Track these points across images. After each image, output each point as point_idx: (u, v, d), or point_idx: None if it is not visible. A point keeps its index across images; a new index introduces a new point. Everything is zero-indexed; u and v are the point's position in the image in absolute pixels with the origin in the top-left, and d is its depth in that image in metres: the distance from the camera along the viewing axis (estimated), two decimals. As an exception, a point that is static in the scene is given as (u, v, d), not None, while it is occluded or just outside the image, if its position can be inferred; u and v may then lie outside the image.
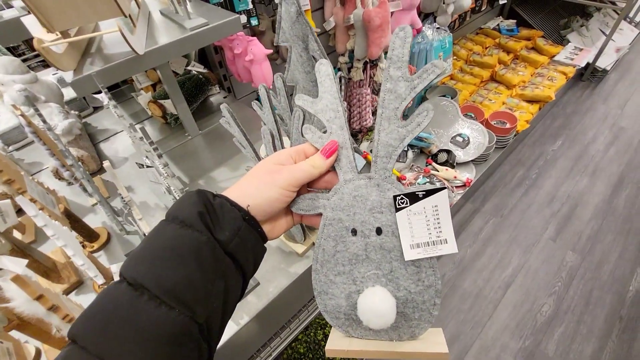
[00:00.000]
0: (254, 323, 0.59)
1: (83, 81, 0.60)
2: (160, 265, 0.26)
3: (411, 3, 1.20)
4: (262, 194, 0.32)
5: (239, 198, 0.31)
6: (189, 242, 0.27)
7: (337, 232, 0.31)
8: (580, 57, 2.33)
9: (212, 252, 0.27)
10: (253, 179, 0.33)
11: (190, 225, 0.27)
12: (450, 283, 1.45)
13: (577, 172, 1.88)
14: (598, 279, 1.46)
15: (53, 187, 0.87)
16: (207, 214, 0.29)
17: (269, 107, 0.50)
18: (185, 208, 0.29)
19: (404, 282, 0.30)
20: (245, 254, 0.30)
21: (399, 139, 0.30)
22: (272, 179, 0.32)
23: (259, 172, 0.33)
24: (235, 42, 0.96)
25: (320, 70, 0.32)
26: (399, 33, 0.29)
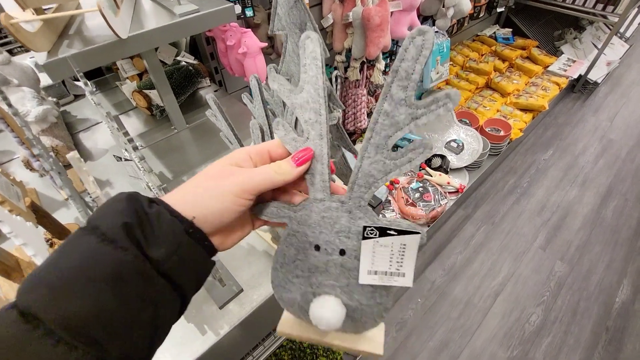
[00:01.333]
0: (236, 332, 0.54)
1: (57, 64, 0.55)
2: (64, 291, 0.20)
3: (411, 4, 1.17)
4: (210, 202, 0.27)
5: (182, 206, 0.26)
6: (108, 261, 0.21)
7: (301, 243, 0.29)
8: (573, 69, 2.36)
9: (138, 275, 0.22)
10: (201, 183, 0.27)
11: (113, 240, 0.22)
12: (440, 290, 1.43)
13: (567, 182, 1.89)
14: (585, 289, 1.46)
15: (24, 178, 0.81)
16: (137, 226, 0.23)
17: (260, 100, 0.46)
18: (109, 216, 0.23)
19: (358, 295, 0.30)
20: (185, 273, 0.25)
21: (383, 171, 0.26)
22: (224, 184, 0.27)
23: (209, 175, 0.28)
24: (228, 33, 0.92)
25: (306, 48, 0.25)
26: (415, 39, 0.22)
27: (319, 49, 0.25)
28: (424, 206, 1.37)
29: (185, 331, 0.53)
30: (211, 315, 0.54)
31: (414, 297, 1.41)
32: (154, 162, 0.85)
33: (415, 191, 1.41)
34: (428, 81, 1.57)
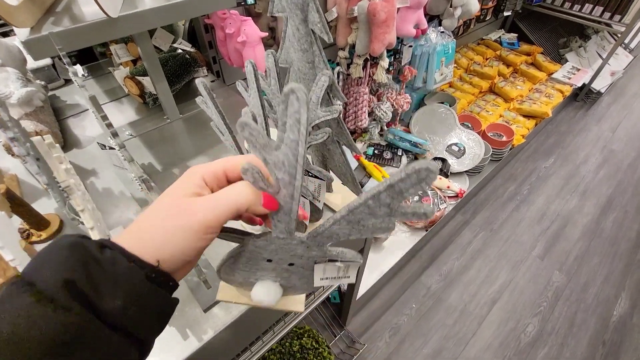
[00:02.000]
0: (221, 338, 0.51)
1: (39, 42, 0.51)
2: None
3: (419, 1, 1.14)
4: (174, 242, 0.24)
5: (142, 250, 0.23)
6: (47, 327, 0.18)
7: (254, 257, 0.31)
8: (577, 77, 2.33)
9: (85, 338, 0.19)
10: (159, 223, 0.24)
11: (52, 299, 0.19)
12: (435, 296, 1.40)
13: (567, 191, 1.86)
14: (583, 301, 1.43)
15: (6, 164, 0.77)
16: (83, 278, 0.20)
17: (255, 89, 0.42)
18: (48, 269, 0.20)
19: (294, 281, 0.34)
20: (145, 323, 0.23)
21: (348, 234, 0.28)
22: (187, 221, 0.24)
23: (167, 211, 0.25)
24: (227, 20, 0.88)
25: (289, 105, 0.22)
26: (421, 172, 0.21)
27: (304, 112, 0.22)
28: (423, 210, 1.34)
29: (165, 336, 0.49)
30: (194, 318, 0.51)
31: (408, 302, 1.38)
32: (143, 152, 0.81)
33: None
34: (432, 82, 1.54)
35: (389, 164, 1.49)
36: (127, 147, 0.41)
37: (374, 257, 1.32)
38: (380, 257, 1.32)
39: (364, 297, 1.28)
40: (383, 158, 1.51)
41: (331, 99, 0.45)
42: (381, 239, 1.33)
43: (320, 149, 0.57)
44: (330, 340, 1.20)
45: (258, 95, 0.43)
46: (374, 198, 0.23)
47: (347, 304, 1.11)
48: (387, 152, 1.52)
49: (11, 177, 0.70)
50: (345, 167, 0.54)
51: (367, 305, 1.36)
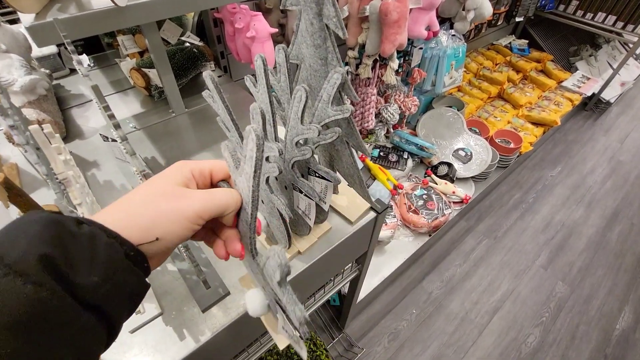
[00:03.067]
0: (218, 339, 0.49)
1: (43, 28, 0.49)
2: None
3: (432, 3, 1.12)
4: (164, 224, 0.24)
5: (127, 226, 0.23)
6: (16, 302, 0.17)
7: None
8: (587, 86, 2.31)
9: (56, 315, 0.18)
10: (153, 200, 0.25)
11: (22, 273, 0.18)
12: (437, 302, 1.38)
13: (573, 201, 1.84)
14: (586, 313, 1.41)
15: (7, 152, 0.76)
16: (58, 252, 0.19)
17: (264, 84, 0.41)
18: (18, 243, 0.19)
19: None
20: (118, 301, 0.22)
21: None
22: (181, 206, 0.25)
23: (161, 193, 0.25)
24: (237, 15, 0.86)
25: (246, 144, 0.25)
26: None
27: (256, 152, 0.25)
28: (427, 214, 1.32)
29: (162, 335, 0.47)
30: (192, 318, 0.49)
31: (409, 307, 1.36)
32: (147, 146, 0.80)
33: (419, 198, 1.36)
34: (441, 86, 1.52)
35: (394, 167, 1.48)
36: (130, 140, 0.40)
37: (376, 260, 1.30)
38: (381, 261, 1.30)
39: (364, 301, 1.26)
40: (388, 160, 1.49)
41: (342, 98, 0.44)
42: (384, 242, 1.31)
43: (327, 149, 0.55)
44: (328, 343, 1.19)
45: (267, 92, 0.41)
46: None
47: (347, 306, 1.09)
48: (392, 155, 1.51)
49: (11, 165, 0.69)
50: (353, 169, 0.53)
51: (366, 309, 1.34)
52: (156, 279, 0.53)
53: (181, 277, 0.53)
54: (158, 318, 0.49)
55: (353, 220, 0.62)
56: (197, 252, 0.56)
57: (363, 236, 0.67)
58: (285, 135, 0.44)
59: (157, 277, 0.53)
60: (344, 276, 0.79)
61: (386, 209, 0.64)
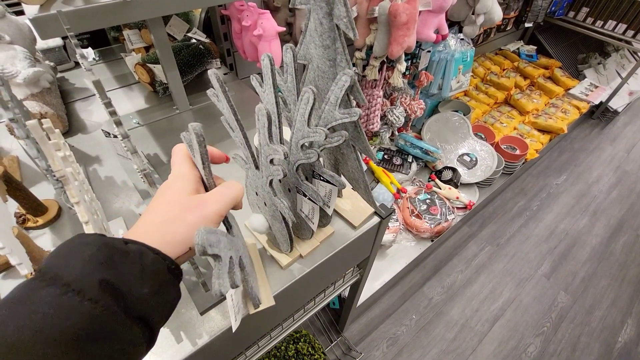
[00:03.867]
0: (216, 343, 0.48)
1: (47, 20, 0.49)
2: (21, 356, 0.17)
3: (442, 5, 1.11)
4: (192, 238, 0.26)
5: (163, 243, 0.26)
6: (73, 318, 0.19)
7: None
8: (594, 95, 2.28)
9: (109, 331, 0.20)
10: (179, 215, 0.28)
11: (79, 290, 0.19)
12: (437, 308, 1.37)
13: (578, 210, 1.82)
14: (588, 324, 1.39)
15: (9, 145, 0.75)
16: (112, 272, 0.21)
17: (270, 84, 0.40)
18: (74, 264, 0.21)
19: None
20: (161, 312, 0.25)
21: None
22: (206, 213, 0.29)
23: (183, 206, 0.29)
24: (244, 12, 0.85)
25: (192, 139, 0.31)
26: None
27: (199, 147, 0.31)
28: (430, 219, 1.31)
29: (158, 337, 0.46)
30: (190, 321, 0.48)
31: (409, 312, 1.35)
32: (150, 142, 0.79)
33: (422, 203, 1.35)
34: (447, 90, 1.50)
35: (399, 170, 1.46)
36: (133, 136, 0.39)
37: (377, 264, 1.29)
38: (382, 265, 1.29)
39: (363, 305, 1.25)
40: (392, 163, 1.48)
41: (350, 101, 0.43)
42: (385, 246, 1.30)
43: (333, 152, 0.54)
44: (327, 346, 1.18)
45: (273, 92, 0.40)
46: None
47: (347, 310, 1.08)
48: (396, 158, 1.49)
49: (12, 158, 0.68)
50: (359, 173, 0.52)
51: (366, 313, 1.33)
52: (154, 279, 0.52)
53: (180, 278, 0.52)
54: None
55: (356, 224, 0.60)
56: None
57: (366, 241, 0.66)
58: (290, 137, 0.43)
59: (155, 277, 0.52)
60: (345, 280, 0.78)
61: (390, 214, 0.63)
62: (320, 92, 0.47)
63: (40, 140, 0.29)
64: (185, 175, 0.31)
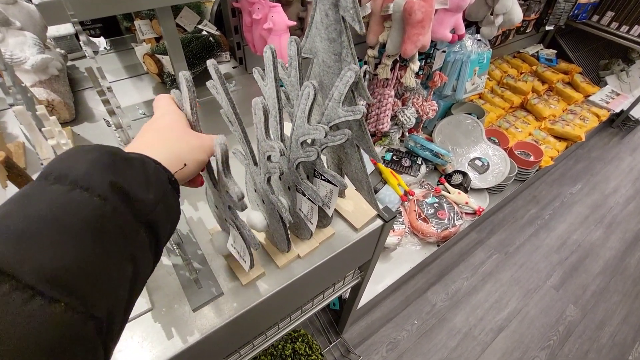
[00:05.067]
0: (208, 341, 0.47)
1: (52, 6, 0.48)
2: (39, 241, 0.17)
3: (459, 4, 1.07)
4: (195, 155, 0.30)
5: (165, 159, 0.27)
6: (85, 210, 0.19)
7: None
8: (615, 102, 2.20)
9: (119, 227, 0.20)
10: (182, 141, 0.30)
11: (88, 187, 0.19)
12: (439, 315, 1.34)
13: (592, 222, 1.75)
14: (597, 340, 1.34)
15: (17, 131, 0.76)
16: (118, 172, 0.21)
17: (272, 78, 0.38)
18: (80, 165, 0.20)
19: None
20: (165, 224, 0.25)
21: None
22: (202, 143, 0.31)
23: (185, 133, 0.31)
24: (255, 5, 0.84)
25: (181, 83, 0.35)
26: None
27: (188, 92, 0.35)
28: (437, 224, 1.28)
29: (149, 332, 0.46)
30: (182, 317, 0.47)
31: (410, 317, 1.32)
32: (154, 134, 0.78)
33: (429, 206, 1.32)
34: (462, 92, 1.46)
35: (407, 172, 1.43)
36: (138, 126, 0.38)
37: (380, 267, 1.27)
38: (386, 268, 1.27)
39: (364, 307, 1.23)
40: (401, 165, 1.45)
41: (355, 98, 0.41)
42: (390, 248, 1.28)
43: (336, 151, 0.52)
44: (325, 347, 1.16)
45: (274, 86, 0.39)
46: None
47: (347, 312, 1.06)
48: (406, 160, 1.46)
49: (17, 144, 0.69)
50: (362, 174, 0.50)
51: (366, 315, 1.31)
52: (149, 272, 0.51)
53: (175, 272, 0.51)
54: (147, 313, 0.47)
55: (358, 227, 0.59)
56: (193, 248, 0.54)
57: (368, 244, 0.64)
58: (290, 134, 0.41)
59: (150, 270, 0.52)
60: (345, 282, 0.77)
61: (394, 218, 0.61)
62: (325, 88, 0.45)
63: (27, 127, 0.28)
64: (177, 112, 0.33)
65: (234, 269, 0.49)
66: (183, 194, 0.65)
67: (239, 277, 0.49)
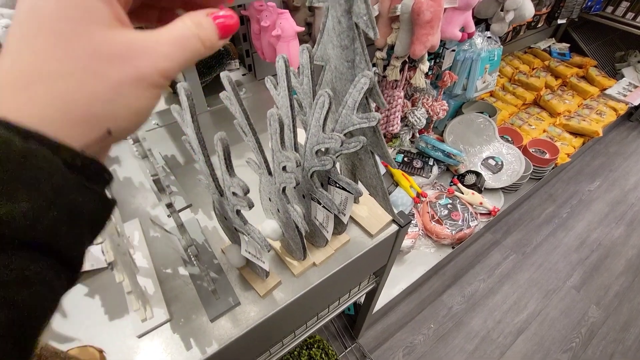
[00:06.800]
0: (225, 351, 0.47)
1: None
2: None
3: (468, 2, 1.06)
4: (117, 109, 0.15)
5: (60, 129, 0.14)
6: None
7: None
8: (634, 95, 2.13)
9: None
10: (87, 79, 0.15)
11: None
12: (456, 318, 1.31)
13: (612, 219, 1.70)
14: (622, 342, 1.30)
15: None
16: None
17: (285, 87, 0.38)
18: None
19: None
20: (72, 232, 0.15)
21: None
22: (136, 74, 0.16)
23: (86, 55, 0.15)
24: (263, 13, 0.84)
25: (181, 95, 0.34)
26: None
27: (187, 101, 0.34)
28: (451, 225, 1.26)
29: (169, 342, 0.46)
30: (200, 327, 0.47)
31: (427, 321, 1.30)
32: (168, 143, 0.79)
33: (443, 207, 1.30)
34: (472, 90, 1.44)
35: (419, 174, 1.42)
36: (152, 137, 0.38)
37: (395, 270, 1.25)
38: (400, 271, 1.25)
39: (380, 311, 1.21)
40: (412, 167, 1.43)
41: (369, 104, 0.40)
42: (404, 251, 1.26)
43: (350, 157, 0.52)
44: (340, 352, 1.15)
45: (288, 95, 0.38)
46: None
47: (362, 317, 1.05)
48: (417, 161, 1.45)
49: None
50: (377, 180, 0.49)
51: (382, 320, 1.30)
52: (166, 282, 0.52)
53: (192, 282, 0.51)
54: (166, 324, 0.47)
55: (373, 233, 0.58)
56: (209, 257, 0.54)
57: (383, 250, 0.63)
58: (305, 142, 0.41)
59: (167, 280, 0.52)
60: (360, 288, 0.76)
61: (409, 223, 0.60)
62: (338, 95, 0.44)
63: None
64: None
65: (249, 280, 0.49)
66: (195, 204, 0.66)
67: (255, 287, 0.49)
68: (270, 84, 0.41)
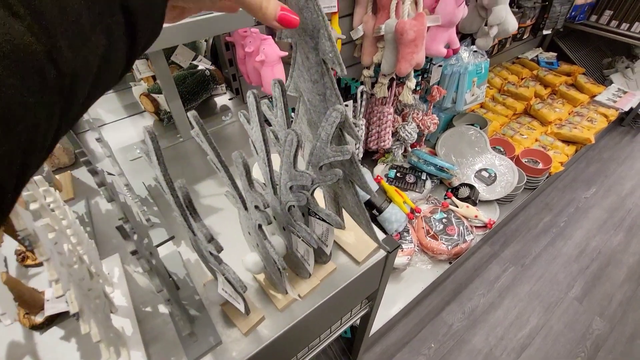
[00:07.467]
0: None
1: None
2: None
3: (451, 20, 1.07)
4: None
5: None
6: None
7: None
8: (623, 101, 2.15)
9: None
10: None
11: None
12: (457, 336, 1.28)
13: (611, 226, 1.68)
14: (629, 355, 1.26)
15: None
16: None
17: (257, 122, 0.37)
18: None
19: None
20: (144, 16, 0.19)
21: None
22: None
23: None
24: (247, 39, 0.85)
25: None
26: None
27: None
28: (447, 240, 1.24)
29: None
30: (180, 370, 0.45)
31: (427, 340, 1.27)
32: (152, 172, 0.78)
33: (438, 222, 1.28)
34: (462, 103, 1.45)
35: (412, 189, 1.41)
36: (137, 166, 0.37)
37: (391, 288, 1.23)
38: (397, 290, 1.23)
39: (377, 332, 1.18)
40: (405, 182, 1.43)
41: (344, 136, 0.40)
42: (400, 269, 1.24)
43: (332, 187, 0.51)
44: (339, 377, 1.12)
45: (260, 130, 0.38)
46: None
47: (359, 340, 1.02)
48: (410, 176, 1.44)
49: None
50: (359, 208, 0.48)
51: (380, 341, 1.26)
52: (146, 322, 0.50)
53: (171, 322, 0.49)
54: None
55: (360, 260, 0.56)
56: (190, 292, 0.52)
57: (372, 276, 0.61)
58: (279, 178, 0.40)
59: (146, 319, 0.50)
60: (352, 314, 0.74)
61: (397, 248, 0.58)
62: (313, 125, 0.44)
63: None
64: None
65: (231, 317, 0.47)
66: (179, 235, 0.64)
67: (237, 325, 0.48)
68: (243, 118, 0.40)
